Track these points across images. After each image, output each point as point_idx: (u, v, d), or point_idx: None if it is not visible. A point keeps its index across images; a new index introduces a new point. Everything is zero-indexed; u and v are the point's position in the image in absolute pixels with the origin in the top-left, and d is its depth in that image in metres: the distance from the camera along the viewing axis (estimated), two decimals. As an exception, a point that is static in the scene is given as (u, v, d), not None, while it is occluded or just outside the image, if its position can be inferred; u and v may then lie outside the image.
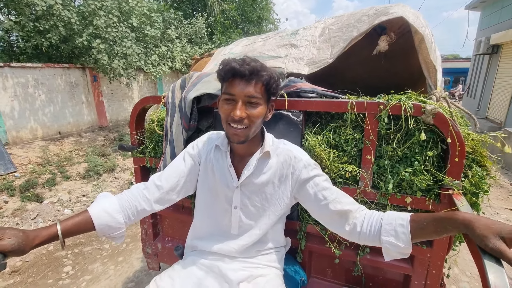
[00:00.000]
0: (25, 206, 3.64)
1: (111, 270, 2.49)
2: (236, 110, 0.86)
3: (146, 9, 7.15)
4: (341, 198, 0.91)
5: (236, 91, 0.86)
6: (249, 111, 0.88)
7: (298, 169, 0.96)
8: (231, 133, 0.90)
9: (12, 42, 6.45)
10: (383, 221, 0.83)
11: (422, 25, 1.14)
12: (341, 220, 0.90)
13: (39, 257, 2.69)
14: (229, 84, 0.88)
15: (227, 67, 0.86)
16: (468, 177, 1.01)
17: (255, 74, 0.86)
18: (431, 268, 1.08)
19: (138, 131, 1.50)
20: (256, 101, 0.88)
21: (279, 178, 0.99)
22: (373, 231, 0.84)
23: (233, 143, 0.94)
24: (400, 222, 0.80)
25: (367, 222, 0.86)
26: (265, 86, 0.89)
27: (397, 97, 1.02)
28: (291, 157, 0.98)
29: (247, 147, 0.99)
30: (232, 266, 1.03)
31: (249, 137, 0.91)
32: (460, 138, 0.93)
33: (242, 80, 0.86)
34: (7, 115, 5.33)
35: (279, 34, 1.74)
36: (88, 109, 7.01)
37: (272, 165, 0.99)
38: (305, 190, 0.96)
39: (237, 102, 0.87)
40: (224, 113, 0.90)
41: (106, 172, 4.91)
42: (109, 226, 0.88)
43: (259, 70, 0.87)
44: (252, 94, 0.87)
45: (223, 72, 0.88)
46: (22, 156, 4.97)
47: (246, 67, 0.85)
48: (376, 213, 0.87)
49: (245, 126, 0.88)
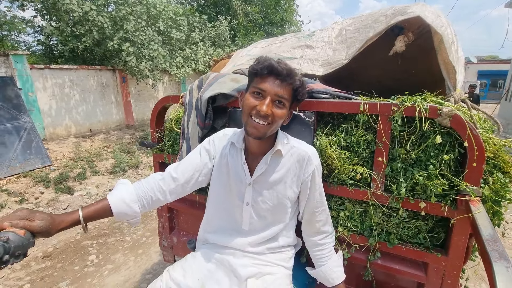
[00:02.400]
0: (58, 197, 3.93)
1: (131, 261, 2.63)
2: (263, 105, 0.88)
3: (172, 13, 7.44)
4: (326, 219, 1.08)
5: (268, 88, 0.89)
6: (275, 110, 0.90)
7: (308, 172, 1.01)
8: (252, 126, 0.91)
9: (52, 46, 7.00)
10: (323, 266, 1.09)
11: (442, 25, 1.10)
12: (312, 232, 1.10)
13: (68, 245, 2.90)
14: (261, 79, 0.91)
15: (265, 63, 0.89)
16: (488, 183, 0.96)
17: (290, 77, 0.90)
18: (446, 277, 1.04)
19: (158, 129, 1.58)
20: (283, 102, 0.91)
21: (292, 178, 1.02)
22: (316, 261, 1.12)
23: (250, 136, 0.95)
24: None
25: (319, 254, 1.10)
26: (294, 90, 0.93)
27: (412, 98, 1.00)
28: (305, 158, 1.00)
29: (261, 145, 1.01)
30: (242, 262, 1.05)
31: (266, 134, 0.93)
32: (479, 142, 0.89)
33: (277, 79, 0.89)
34: (45, 113, 5.79)
35: (296, 36, 1.75)
36: (117, 108, 7.41)
37: (285, 163, 1.01)
38: (306, 189, 1.04)
39: (265, 98, 0.89)
40: (249, 105, 0.91)
41: (131, 169, 5.16)
42: (126, 214, 0.94)
43: (294, 74, 0.91)
44: (282, 95, 0.90)
45: (260, 67, 0.90)
46: (57, 151, 5.37)
47: (283, 66, 0.89)
48: (327, 255, 1.09)
49: (268, 123, 0.90)
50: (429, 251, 1.05)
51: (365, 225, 1.14)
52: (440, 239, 1.07)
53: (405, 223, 1.08)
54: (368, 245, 1.14)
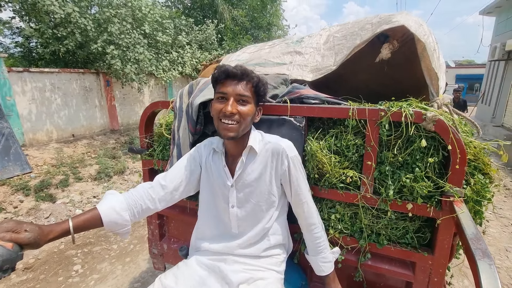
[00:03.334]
0: (39, 205, 3.77)
1: (118, 270, 2.55)
2: (228, 106, 0.94)
3: (158, 16, 7.36)
4: (308, 211, 1.08)
5: (229, 90, 0.95)
6: (240, 108, 0.96)
7: (284, 165, 1.03)
8: (222, 128, 0.97)
9: (31, 48, 6.74)
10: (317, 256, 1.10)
11: (425, 33, 1.16)
12: (301, 223, 1.11)
13: (50, 255, 2.78)
14: (222, 84, 0.97)
15: (222, 69, 0.96)
16: (470, 184, 1.01)
17: (246, 75, 0.96)
18: (432, 275, 1.08)
19: (147, 135, 1.56)
20: (246, 99, 0.97)
21: (270, 172, 1.04)
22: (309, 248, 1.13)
23: (225, 138, 1.00)
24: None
25: (310, 244, 1.11)
26: (254, 87, 0.99)
27: (398, 104, 1.04)
28: (279, 152, 1.03)
29: (238, 146, 1.05)
30: (233, 268, 1.06)
31: (239, 133, 0.98)
32: (460, 145, 0.94)
33: (234, 80, 0.96)
34: (25, 118, 5.54)
35: (285, 41, 1.78)
36: (101, 112, 7.21)
37: (262, 160, 1.04)
38: (286, 183, 1.05)
39: (228, 99, 0.95)
40: (216, 110, 0.97)
41: (116, 174, 5.03)
42: (116, 223, 0.92)
43: (249, 72, 0.97)
44: (242, 93, 0.96)
45: (217, 73, 0.97)
46: (38, 157, 5.15)
47: (238, 68, 0.96)
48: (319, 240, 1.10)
49: (236, 121, 0.96)
50: (416, 251, 1.09)
51: (355, 227, 1.17)
52: (426, 238, 1.11)
53: (393, 224, 1.12)
54: (358, 247, 1.16)
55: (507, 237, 3.18)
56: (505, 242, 3.07)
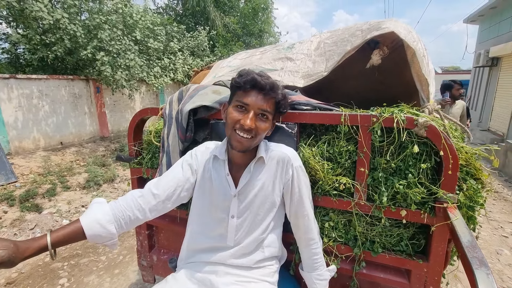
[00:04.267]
0: (24, 216, 3.63)
1: (106, 283, 2.46)
2: (247, 119, 0.89)
3: (149, 23, 7.34)
4: (308, 225, 1.04)
5: (252, 102, 0.90)
6: (258, 124, 0.91)
7: (288, 173, 1.00)
8: (236, 140, 0.92)
9: (18, 54, 6.60)
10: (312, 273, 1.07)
11: (414, 40, 1.17)
12: (298, 237, 1.08)
13: (35, 269, 2.66)
14: (244, 93, 0.91)
15: (249, 77, 0.89)
16: (462, 190, 1.01)
17: (273, 91, 0.91)
18: (428, 283, 1.06)
19: (136, 142, 1.51)
20: (266, 115, 0.93)
21: (273, 181, 1.01)
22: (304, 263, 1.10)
23: (235, 150, 0.95)
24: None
25: (306, 259, 1.08)
26: (277, 103, 0.94)
27: (390, 109, 1.03)
28: (285, 160, 1.00)
29: (245, 156, 1.01)
30: (225, 280, 1.02)
31: (251, 147, 0.94)
32: (453, 151, 0.93)
33: (260, 93, 0.90)
34: (10, 126, 5.39)
35: (276, 48, 1.78)
36: (91, 119, 7.08)
37: (267, 169, 1.01)
38: (288, 193, 1.02)
39: (249, 111, 0.90)
40: (233, 119, 0.91)
41: (106, 183, 4.91)
42: (101, 237, 0.87)
43: (277, 87, 0.92)
44: (265, 108, 0.91)
45: (243, 81, 0.90)
46: (24, 166, 4.99)
47: (266, 81, 0.90)
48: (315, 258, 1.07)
49: (251, 136, 0.91)
50: (411, 258, 1.07)
51: (349, 235, 1.15)
52: (421, 245, 1.10)
53: (387, 231, 1.10)
54: (353, 255, 1.14)
55: (498, 240, 3.22)
56: (495, 245, 3.10)
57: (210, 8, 10.70)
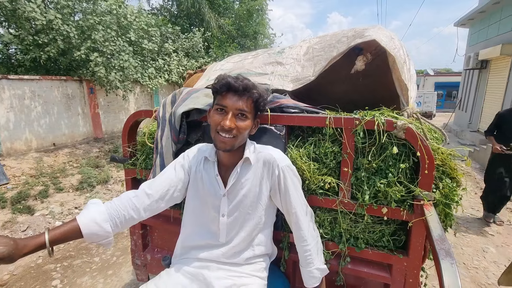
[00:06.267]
0: (16, 218, 3.61)
1: (100, 284, 2.47)
2: (226, 120, 0.95)
3: (144, 24, 7.34)
4: (297, 222, 1.06)
5: (229, 104, 0.96)
6: (238, 123, 0.97)
7: (275, 174, 1.04)
8: (219, 140, 0.97)
9: (10, 54, 6.54)
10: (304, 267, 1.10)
11: (395, 47, 1.24)
12: (294, 234, 1.10)
13: (27, 270, 2.66)
14: (222, 97, 0.98)
15: (223, 82, 0.96)
16: (439, 188, 1.07)
17: (247, 91, 0.97)
18: (408, 277, 1.12)
19: (130, 144, 1.55)
20: (245, 114, 0.98)
21: (260, 182, 1.06)
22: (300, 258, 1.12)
23: (220, 150, 1.01)
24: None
25: (300, 255, 1.10)
26: (254, 102, 1.00)
27: (371, 113, 1.10)
28: (270, 161, 1.04)
29: (232, 157, 1.06)
30: (217, 274, 1.06)
31: (234, 146, 0.99)
32: (429, 152, 1.00)
33: (235, 95, 0.97)
34: (2, 127, 5.34)
35: (267, 52, 1.83)
36: (84, 120, 7.04)
37: (254, 171, 1.06)
38: (276, 192, 1.06)
39: (227, 113, 0.96)
40: (215, 122, 0.98)
41: (99, 184, 4.90)
42: (97, 235, 0.91)
43: (251, 87, 0.98)
44: (242, 108, 0.97)
45: (219, 85, 0.97)
46: (16, 167, 4.95)
47: (240, 83, 0.96)
48: (308, 252, 1.08)
49: (233, 135, 0.96)
50: (392, 253, 1.14)
51: (335, 231, 1.21)
52: (401, 241, 1.16)
53: (370, 228, 1.17)
54: (338, 251, 1.20)
55: (484, 237, 3.32)
56: (482, 242, 3.21)
57: (205, 10, 10.74)
